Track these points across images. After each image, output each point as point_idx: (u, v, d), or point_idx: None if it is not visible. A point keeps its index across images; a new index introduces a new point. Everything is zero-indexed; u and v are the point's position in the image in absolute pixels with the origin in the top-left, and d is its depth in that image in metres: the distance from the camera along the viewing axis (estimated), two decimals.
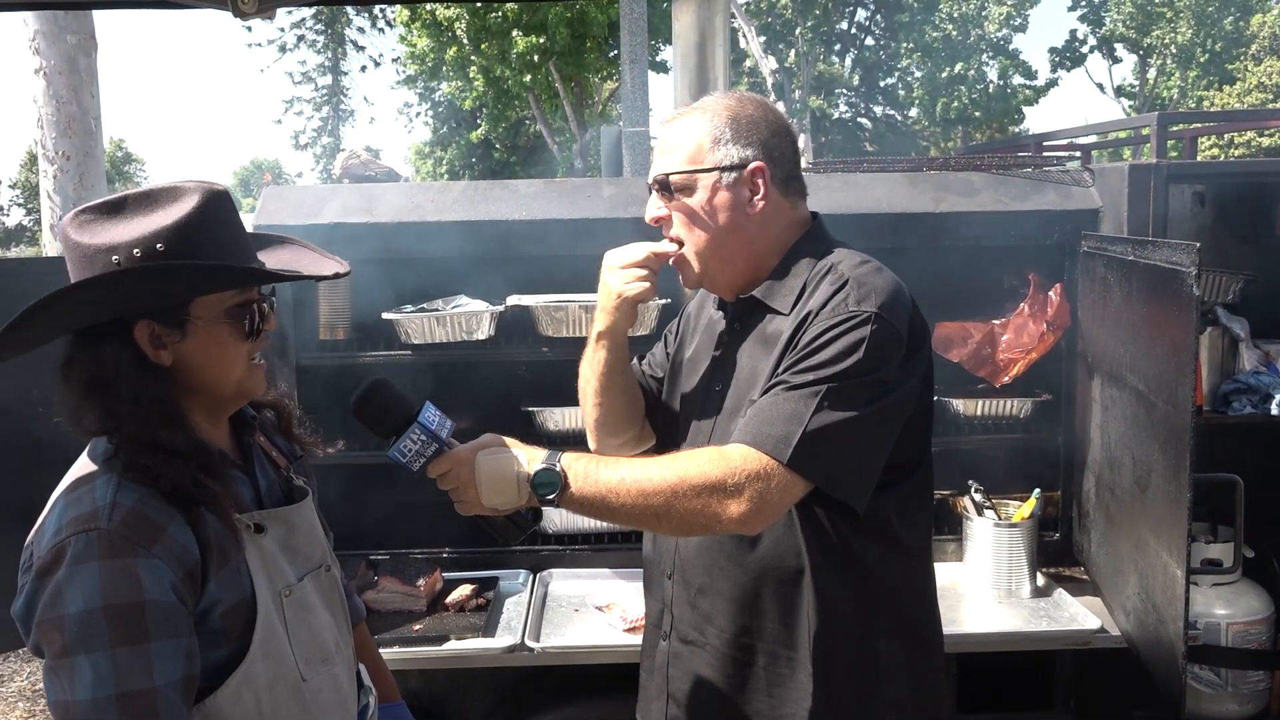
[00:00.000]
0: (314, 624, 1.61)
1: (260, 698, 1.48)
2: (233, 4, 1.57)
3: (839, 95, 30.05)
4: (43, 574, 1.37)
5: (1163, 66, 27.94)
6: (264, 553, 1.54)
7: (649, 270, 1.89)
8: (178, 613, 1.38)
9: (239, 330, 1.53)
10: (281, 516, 1.61)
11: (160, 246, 1.42)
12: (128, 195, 1.47)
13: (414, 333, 3.08)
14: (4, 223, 40.84)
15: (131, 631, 1.33)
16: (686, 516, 1.61)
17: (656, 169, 1.84)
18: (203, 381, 1.53)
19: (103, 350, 1.44)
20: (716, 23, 3.71)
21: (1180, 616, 2.27)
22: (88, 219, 1.46)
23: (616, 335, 1.96)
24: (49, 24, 6.77)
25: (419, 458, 1.66)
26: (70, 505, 1.41)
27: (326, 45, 34.44)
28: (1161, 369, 2.36)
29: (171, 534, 1.40)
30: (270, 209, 3.06)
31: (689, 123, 1.83)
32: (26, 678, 5.33)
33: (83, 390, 1.44)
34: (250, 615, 1.48)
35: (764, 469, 1.59)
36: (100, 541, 1.35)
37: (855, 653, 1.78)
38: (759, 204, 1.80)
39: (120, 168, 37.94)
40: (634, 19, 10.82)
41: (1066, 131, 5.92)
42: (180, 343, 1.48)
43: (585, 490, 1.63)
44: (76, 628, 1.32)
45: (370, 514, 3.16)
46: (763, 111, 1.84)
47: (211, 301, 1.49)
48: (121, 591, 1.34)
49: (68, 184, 6.96)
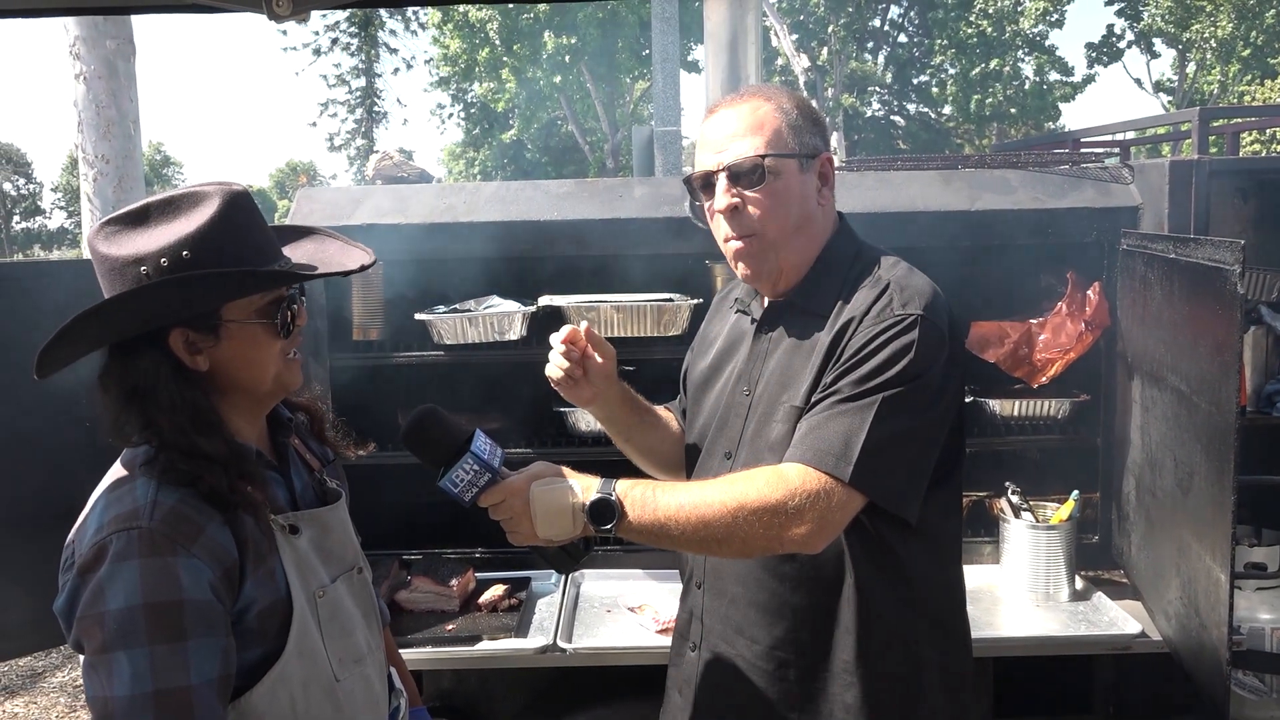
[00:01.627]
0: (347, 625, 1.63)
1: (295, 696, 1.50)
2: (267, 7, 1.58)
3: (871, 93, 29.85)
4: (84, 571, 1.38)
5: (1203, 61, 27.49)
6: (298, 554, 1.55)
7: (567, 349, 1.92)
8: (215, 612, 1.40)
9: (272, 329, 1.54)
10: (316, 518, 1.63)
11: (186, 254, 1.43)
12: (150, 203, 1.49)
13: (446, 333, 3.09)
14: (46, 225, 41.59)
15: (170, 629, 1.35)
16: (748, 540, 1.59)
17: (731, 154, 1.73)
18: (241, 382, 1.54)
19: (140, 360, 1.46)
20: (748, 21, 3.70)
21: (1224, 621, 2.22)
22: (113, 230, 1.47)
23: (598, 409, 2.00)
24: (89, 29, 6.89)
25: (471, 488, 1.64)
26: (111, 504, 1.43)
27: (360, 48, 34.70)
28: (1204, 369, 2.31)
29: (210, 534, 1.42)
30: (304, 210, 3.09)
31: (756, 108, 1.76)
32: (67, 674, 5.42)
33: (123, 400, 1.47)
34: (285, 615, 1.50)
35: (824, 488, 1.58)
36: (141, 540, 1.37)
37: (900, 659, 1.75)
38: (827, 195, 1.79)
39: (159, 170, 38.52)
40: (665, 18, 10.81)
41: (1105, 128, 5.85)
42: (215, 347, 1.50)
43: (643, 519, 1.61)
44: (116, 624, 1.34)
45: (403, 514, 3.18)
46: (811, 104, 1.84)
47: (242, 304, 1.51)
48: (161, 589, 1.36)
49: (107, 187, 7.07)
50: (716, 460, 1.87)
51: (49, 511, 2.24)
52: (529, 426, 3.29)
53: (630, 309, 3.06)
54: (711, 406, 1.92)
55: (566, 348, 1.92)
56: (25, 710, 5.05)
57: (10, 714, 5.01)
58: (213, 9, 1.64)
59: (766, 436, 1.76)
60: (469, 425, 1.69)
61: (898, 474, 1.63)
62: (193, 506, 1.42)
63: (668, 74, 10.82)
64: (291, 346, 1.59)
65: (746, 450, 1.80)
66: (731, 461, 1.83)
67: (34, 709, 5.06)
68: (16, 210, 42.87)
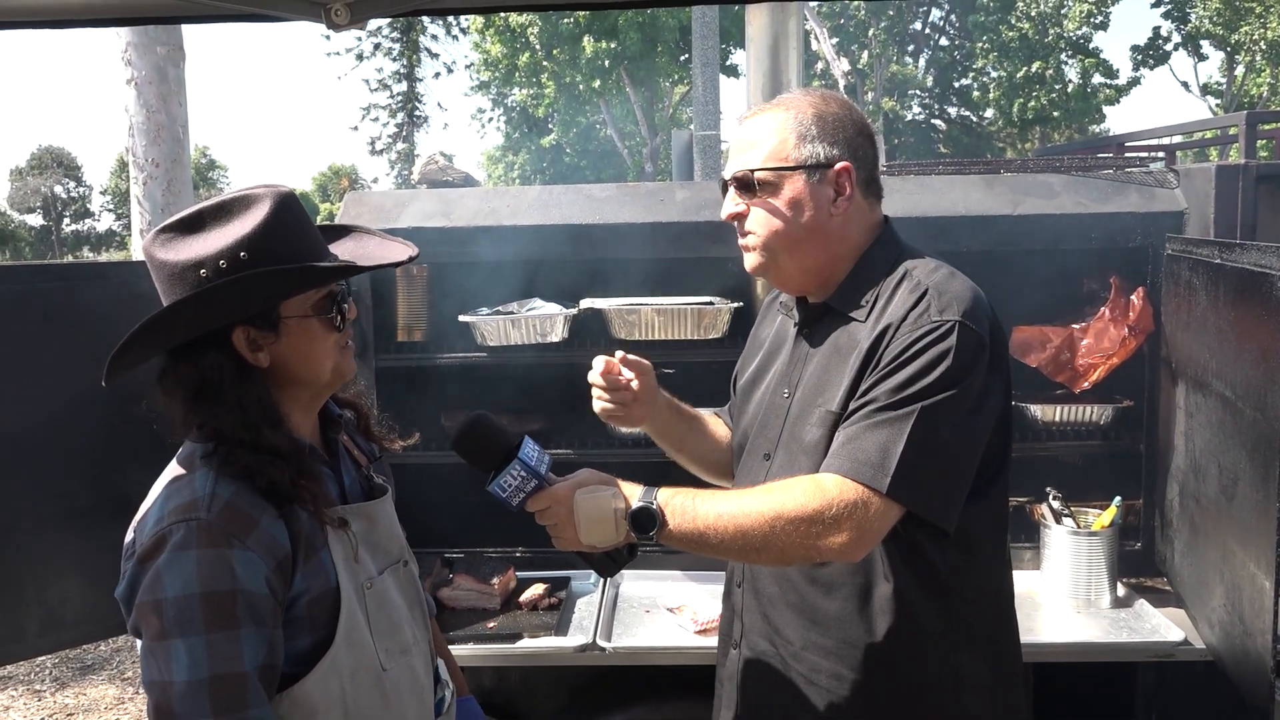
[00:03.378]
0: (394, 616, 1.66)
1: (344, 685, 1.54)
2: (326, 16, 1.62)
3: (912, 97, 29.66)
4: (144, 559, 1.44)
5: (1251, 63, 27.02)
6: (347, 547, 1.59)
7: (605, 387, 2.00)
8: (266, 604, 1.45)
9: (328, 323, 1.60)
10: (364, 511, 1.67)
11: (244, 255, 1.48)
12: (203, 209, 1.54)
13: (489, 335, 3.13)
14: (95, 228, 42.38)
15: (225, 618, 1.40)
16: (786, 549, 1.61)
17: (736, 165, 1.80)
18: (301, 375, 1.60)
19: (203, 360, 1.51)
20: (790, 25, 3.71)
21: (1268, 630, 2.20)
22: (169, 237, 1.52)
23: (649, 426, 2.06)
24: (140, 36, 7.03)
25: (518, 493, 1.69)
26: (172, 495, 1.49)
27: (402, 53, 35.05)
28: (1250, 375, 2.29)
29: (264, 527, 1.47)
30: (352, 213, 3.15)
31: (772, 119, 1.79)
32: (115, 667, 5.53)
33: (190, 401, 1.52)
34: (334, 605, 1.54)
35: (862, 499, 1.58)
36: (200, 531, 1.42)
37: (936, 667, 1.75)
38: (843, 205, 1.77)
39: (205, 174, 39.12)
40: (705, 23, 10.83)
41: (1150, 132, 5.78)
42: (275, 343, 1.55)
43: (683, 527, 1.64)
44: (175, 612, 1.39)
45: (446, 512, 3.22)
46: (846, 110, 1.81)
47: (299, 300, 1.56)
48: (217, 579, 1.41)
49: (156, 190, 7.21)
50: (756, 461, 1.89)
51: (103, 506, 2.31)
52: (570, 428, 3.32)
53: (671, 312, 3.09)
54: (755, 407, 1.94)
55: (606, 380, 1.97)
56: (75, 701, 5.17)
57: (60, 705, 5.13)
58: (272, 18, 1.68)
59: (801, 439, 1.77)
60: (518, 432, 1.74)
61: (936, 484, 1.62)
62: (248, 500, 1.47)
63: (708, 78, 10.84)
64: (346, 338, 1.64)
65: (783, 452, 1.82)
66: (770, 463, 1.85)
67: (83, 700, 5.17)
68: (67, 213, 43.75)
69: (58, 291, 2.64)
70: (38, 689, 5.32)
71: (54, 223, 42.54)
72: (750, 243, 1.82)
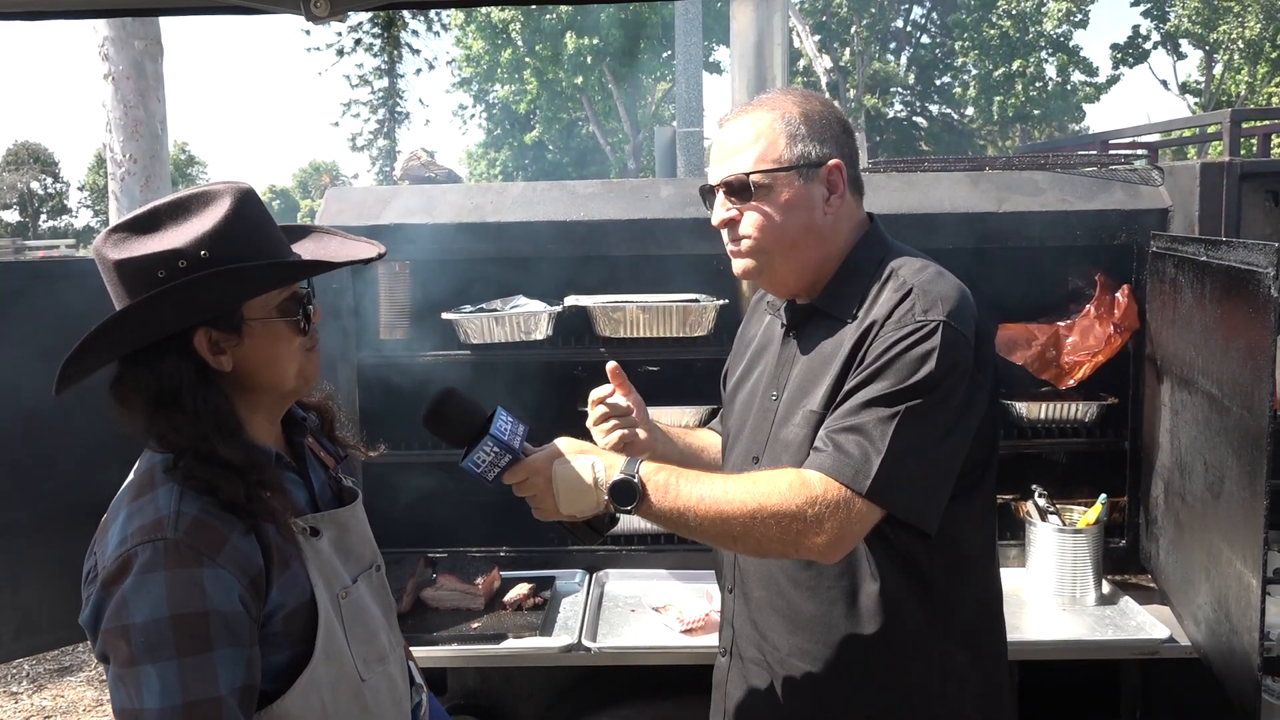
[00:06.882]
0: (370, 624, 1.62)
1: (325, 699, 1.49)
2: (305, 8, 1.59)
3: (894, 94, 29.74)
4: (109, 584, 1.37)
5: (1230, 62, 27.21)
6: (320, 556, 1.55)
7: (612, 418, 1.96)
8: (241, 622, 1.39)
9: (293, 325, 1.53)
10: (335, 519, 1.62)
11: (205, 254, 1.41)
12: (158, 207, 1.46)
13: (473, 332, 3.10)
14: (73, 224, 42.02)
15: (197, 641, 1.34)
16: (764, 542, 1.60)
17: (725, 169, 1.77)
18: (264, 380, 1.53)
19: (162, 365, 1.43)
20: (774, 22, 3.70)
21: (1255, 627, 2.20)
22: (121, 237, 1.44)
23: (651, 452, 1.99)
24: (118, 30, 6.96)
25: (493, 468, 1.66)
26: (134, 514, 1.41)
27: (383, 49, 34.85)
28: (1236, 372, 2.29)
29: (234, 543, 1.41)
30: (333, 210, 3.11)
31: (757, 120, 1.76)
32: (94, 669, 5.47)
33: (149, 408, 1.44)
34: (310, 618, 1.49)
35: (843, 499, 1.57)
36: (167, 551, 1.36)
37: (922, 667, 1.74)
38: (835, 203, 1.75)
39: (183, 170, 38.83)
40: (688, 19, 10.80)
41: (1132, 129, 5.81)
42: (238, 346, 1.48)
43: (663, 504, 1.62)
44: (143, 637, 1.33)
45: (429, 512, 3.19)
46: (829, 107, 1.80)
47: (263, 301, 1.50)
48: (187, 601, 1.34)
49: (134, 186, 7.15)
50: (745, 464, 1.87)
51: (79, 507, 2.26)
52: (554, 425, 3.29)
53: (655, 309, 3.06)
54: (741, 408, 1.93)
55: (604, 407, 1.96)
56: (53, 703, 5.11)
57: (38, 707, 5.07)
58: (251, 10, 1.65)
59: (784, 439, 1.76)
60: (490, 405, 1.70)
61: (917, 486, 1.61)
62: (216, 515, 1.40)
63: (690, 75, 10.82)
64: (311, 341, 1.59)
65: (769, 454, 1.80)
66: (758, 465, 1.83)
67: (61, 702, 5.12)
68: (44, 209, 43.34)
69: (32, 288, 2.60)
70: (14, 691, 5.26)
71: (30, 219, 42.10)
72: (744, 247, 1.78)
